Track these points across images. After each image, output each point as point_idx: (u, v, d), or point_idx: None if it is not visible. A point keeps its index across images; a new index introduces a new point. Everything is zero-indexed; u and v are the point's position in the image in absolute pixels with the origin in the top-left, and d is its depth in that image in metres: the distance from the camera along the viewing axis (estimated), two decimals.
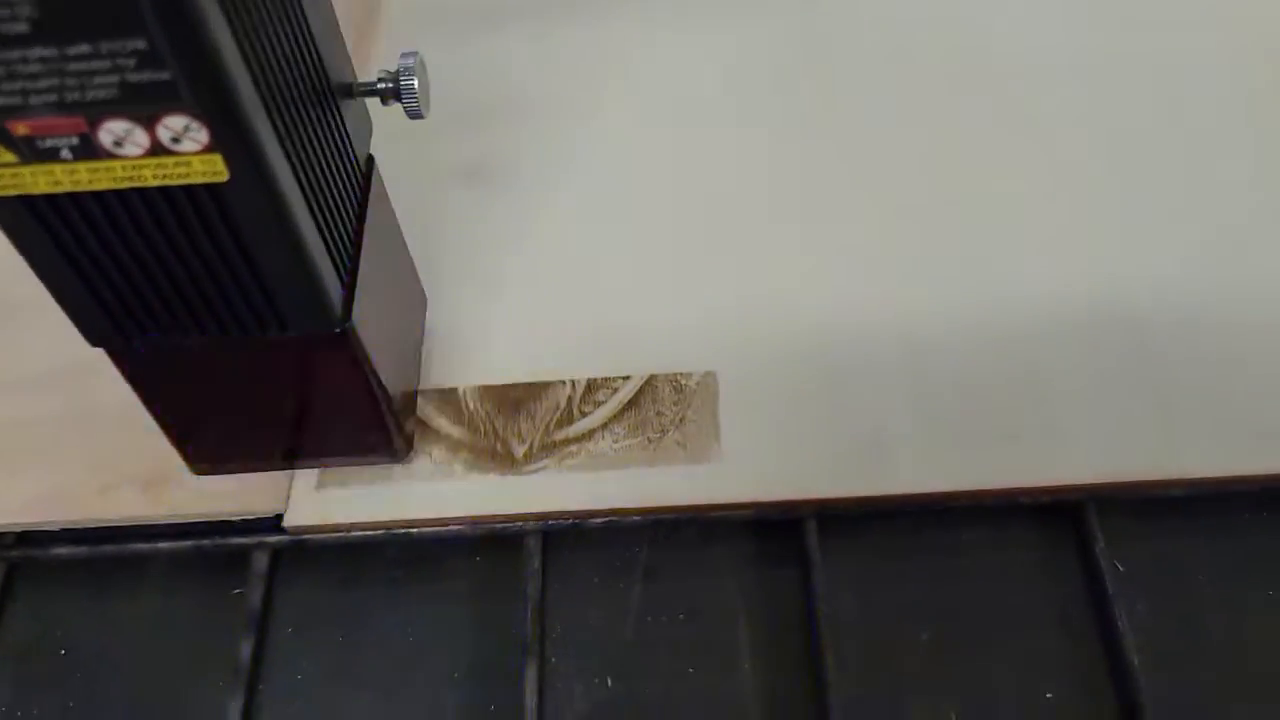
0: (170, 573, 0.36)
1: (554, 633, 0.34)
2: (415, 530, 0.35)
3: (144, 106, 0.22)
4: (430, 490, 0.35)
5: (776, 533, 0.35)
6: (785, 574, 0.34)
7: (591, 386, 0.37)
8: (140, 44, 0.21)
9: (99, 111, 0.22)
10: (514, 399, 0.37)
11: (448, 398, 0.37)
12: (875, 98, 0.44)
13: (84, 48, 0.21)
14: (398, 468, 0.36)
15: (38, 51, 0.21)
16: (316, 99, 0.27)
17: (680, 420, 0.36)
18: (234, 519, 0.35)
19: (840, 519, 0.35)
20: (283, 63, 0.25)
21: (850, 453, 0.35)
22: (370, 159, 0.32)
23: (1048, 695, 0.32)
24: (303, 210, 0.25)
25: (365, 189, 0.31)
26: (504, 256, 0.41)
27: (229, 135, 0.22)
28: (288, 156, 0.24)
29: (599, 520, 0.35)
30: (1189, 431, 0.35)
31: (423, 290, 0.39)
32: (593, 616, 0.34)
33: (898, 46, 0.46)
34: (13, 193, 0.23)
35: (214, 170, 0.23)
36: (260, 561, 0.35)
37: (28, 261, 0.26)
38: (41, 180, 0.23)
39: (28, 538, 0.36)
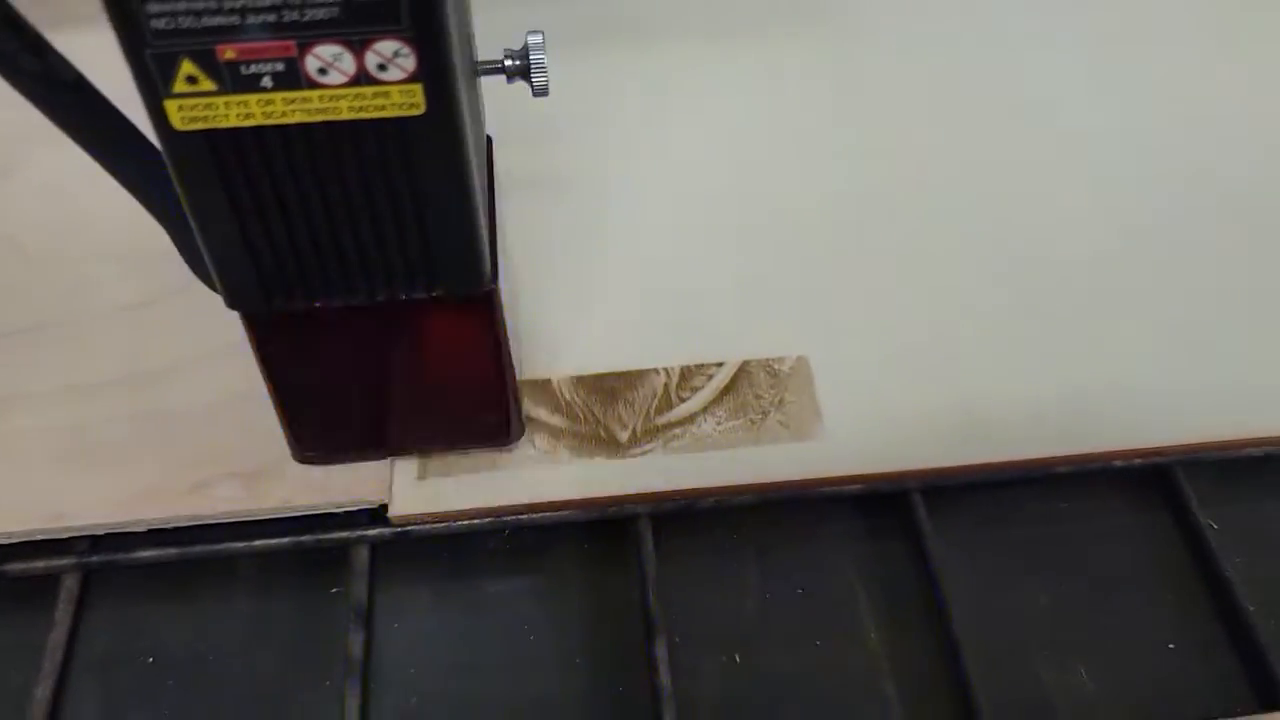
0: (261, 573, 0.34)
1: (674, 613, 0.33)
2: (525, 516, 0.34)
3: (361, 29, 0.22)
4: (538, 476, 0.35)
5: (883, 506, 0.35)
6: (896, 546, 0.35)
7: (686, 374, 0.37)
8: None
9: (313, 34, 0.22)
10: (609, 388, 0.37)
11: (542, 389, 0.37)
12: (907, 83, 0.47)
13: None
14: (501, 456, 0.35)
15: None
16: (470, 65, 0.28)
17: (779, 401, 0.36)
18: (339, 510, 0.34)
19: (945, 489, 0.35)
20: (461, 11, 0.25)
21: (949, 425, 0.36)
22: (489, 139, 0.33)
23: (1170, 646, 0.33)
24: (471, 156, 0.25)
25: (491, 166, 0.32)
26: (585, 256, 0.41)
27: (434, 63, 0.22)
28: (467, 99, 0.25)
29: (709, 500, 0.35)
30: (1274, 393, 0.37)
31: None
32: (711, 595, 0.34)
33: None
34: (200, 126, 0.23)
35: (412, 102, 0.23)
36: (360, 555, 0.34)
37: (189, 208, 0.25)
38: (234, 112, 0.23)
39: (104, 541, 0.34)
